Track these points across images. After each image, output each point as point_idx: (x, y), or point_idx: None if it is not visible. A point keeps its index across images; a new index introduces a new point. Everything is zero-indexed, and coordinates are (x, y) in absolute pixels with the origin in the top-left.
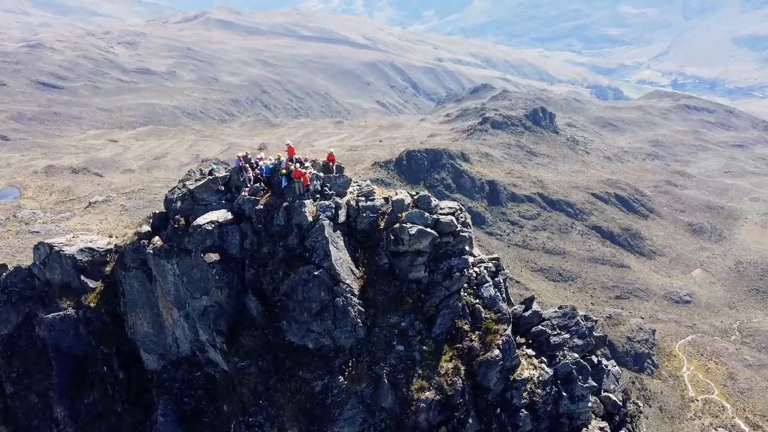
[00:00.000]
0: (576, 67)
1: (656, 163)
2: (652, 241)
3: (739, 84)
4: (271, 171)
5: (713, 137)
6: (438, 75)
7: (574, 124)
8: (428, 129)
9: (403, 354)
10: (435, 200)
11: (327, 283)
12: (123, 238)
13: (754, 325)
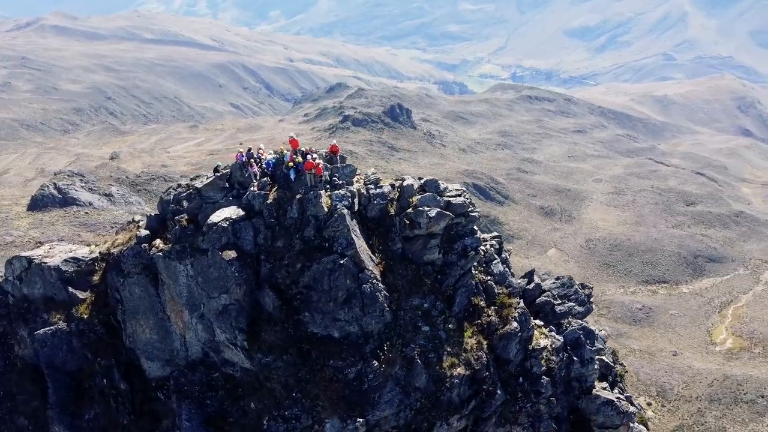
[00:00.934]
0: (423, 64)
1: (506, 152)
2: (510, 226)
3: (572, 73)
4: (274, 165)
5: (555, 125)
6: (291, 75)
7: (429, 118)
8: (289, 129)
9: (430, 334)
10: (442, 183)
11: (352, 271)
12: (106, 245)
13: (608, 297)
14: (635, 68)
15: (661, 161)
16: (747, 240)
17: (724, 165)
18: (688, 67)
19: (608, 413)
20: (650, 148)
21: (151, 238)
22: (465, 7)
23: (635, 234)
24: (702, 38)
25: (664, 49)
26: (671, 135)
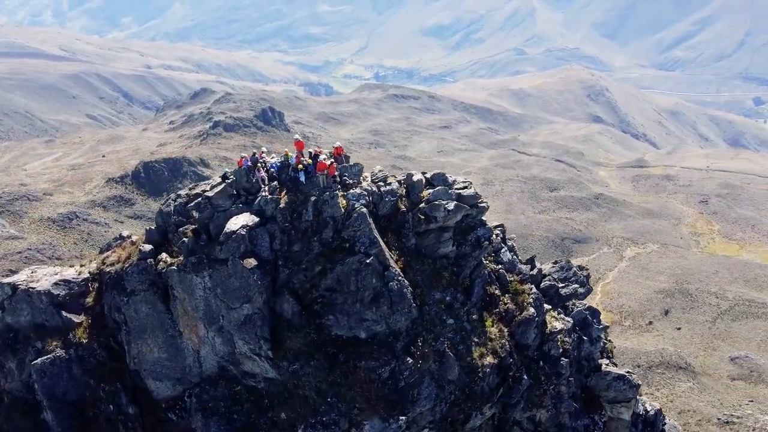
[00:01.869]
0: (287, 66)
1: (380, 151)
2: None
3: (432, 71)
4: (279, 168)
5: (422, 122)
6: (150, 82)
7: (301, 120)
8: (154, 138)
9: (455, 326)
10: (450, 176)
11: (378, 269)
12: (94, 264)
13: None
14: (490, 64)
15: (524, 151)
16: (608, 220)
17: (581, 151)
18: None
19: (620, 387)
20: (512, 140)
21: (157, 252)
22: (323, 9)
23: (506, 222)
24: (550, 32)
25: (516, 44)
26: (529, 126)
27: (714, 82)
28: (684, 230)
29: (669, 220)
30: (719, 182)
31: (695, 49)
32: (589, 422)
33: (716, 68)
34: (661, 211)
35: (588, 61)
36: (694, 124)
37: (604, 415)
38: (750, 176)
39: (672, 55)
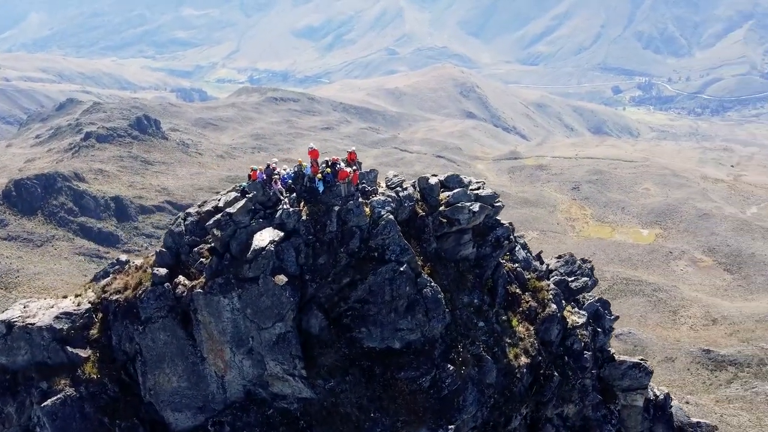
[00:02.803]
0: (155, 73)
1: (264, 155)
2: None
3: (307, 73)
4: (293, 179)
5: (304, 124)
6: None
7: (178, 128)
8: (21, 155)
9: (487, 329)
10: (463, 176)
11: (411, 276)
12: (93, 294)
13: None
14: (363, 64)
15: (405, 149)
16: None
17: (458, 146)
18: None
19: (636, 375)
20: (392, 138)
21: (173, 276)
22: (189, 13)
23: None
24: (418, 31)
25: (387, 44)
26: (408, 124)
27: (575, 74)
28: (560, 216)
29: (545, 208)
30: (588, 169)
31: (555, 43)
32: (606, 412)
33: (576, 61)
34: (538, 200)
35: (457, 59)
36: (560, 115)
37: (618, 404)
38: (615, 161)
39: (534, 50)
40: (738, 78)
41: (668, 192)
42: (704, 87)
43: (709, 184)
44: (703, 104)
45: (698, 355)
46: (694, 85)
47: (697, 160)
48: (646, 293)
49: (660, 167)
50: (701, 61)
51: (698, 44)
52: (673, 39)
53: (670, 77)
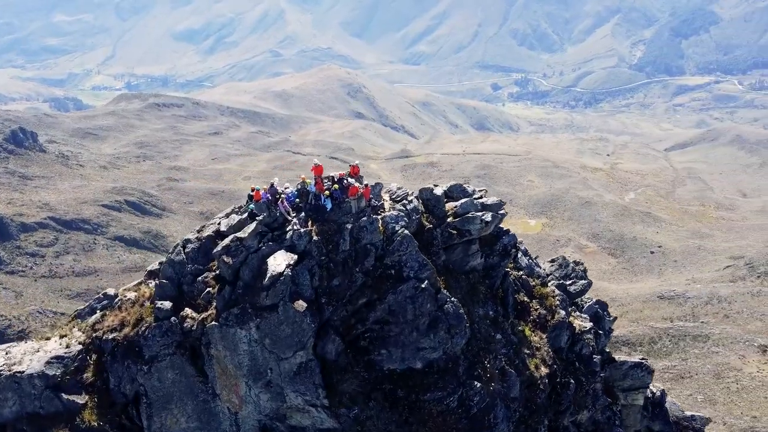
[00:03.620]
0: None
1: (150, 163)
2: (174, 237)
3: (189, 77)
4: (297, 197)
5: (190, 129)
6: None
7: (55, 139)
8: None
9: (504, 341)
10: (466, 185)
11: (432, 293)
12: (81, 334)
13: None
14: (247, 67)
15: (298, 151)
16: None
17: (351, 147)
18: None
19: (638, 375)
20: (284, 141)
21: (177, 310)
22: (60, 19)
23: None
24: (301, 33)
25: (270, 46)
26: (298, 126)
27: (456, 73)
28: None
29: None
30: (476, 164)
31: (436, 42)
32: (610, 414)
33: (456, 59)
34: None
35: (341, 60)
36: (444, 113)
37: (618, 405)
38: (500, 156)
39: (416, 49)
40: (608, 71)
41: (551, 183)
42: (577, 80)
43: (589, 174)
44: (576, 97)
45: None
46: (567, 79)
47: (575, 151)
48: None
49: (542, 159)
50: (573, 55)
51: (569, 40)
52: (546, 35)
53: (545, 72)
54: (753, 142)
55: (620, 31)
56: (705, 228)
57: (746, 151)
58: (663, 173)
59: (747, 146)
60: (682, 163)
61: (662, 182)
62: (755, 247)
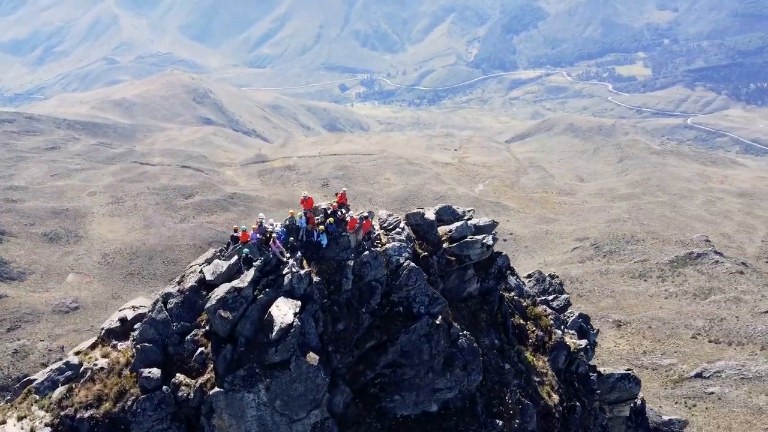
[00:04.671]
0: None
1: None
2: (17, 263)
3: (17, 90)
4: (286, 234)
5: (24, 146)
6: None
7: None
8: None
9: (513, 370)
10: (456, 207)
11: (446, 328)
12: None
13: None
14: (81, 76)
15: (146, 162)
16: (247, 216)
17: (203, 154)
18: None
19: (626, 387)
20: (129, 152)
21: (167, 377)
22: None
23: (149, 237)
24: (138, 38)
25: (105, 53)
26: (143, 135)
27: (303, 75)
28: None
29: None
30: (333, 165)
31: (280, 45)
32: (600, 429)
33: (302, 61)
34: (291, 200)
35: (183, 65)
36: (295, 115)
37: (605, 418)
38: (356, 156)
39: (261, 52)
40: (447, 68)
41: (407, 180)
42: (419, 79)
43: (440, 168)
44: (420, 95)
45: None
46: (410, 78)
47: (425, 147)
48: None
49: (395, 157)
50: (413, 55)
51: (409, 39)
52: (387, 36)
53: (389, 72)
54: (585, 129)
55: (456, 29)
56: (550, 213)
57: (580, 138)
58: (507, 164)
59: (580, 134)
60: (523, 154)
61: (507, 173)
62: (597, 228)
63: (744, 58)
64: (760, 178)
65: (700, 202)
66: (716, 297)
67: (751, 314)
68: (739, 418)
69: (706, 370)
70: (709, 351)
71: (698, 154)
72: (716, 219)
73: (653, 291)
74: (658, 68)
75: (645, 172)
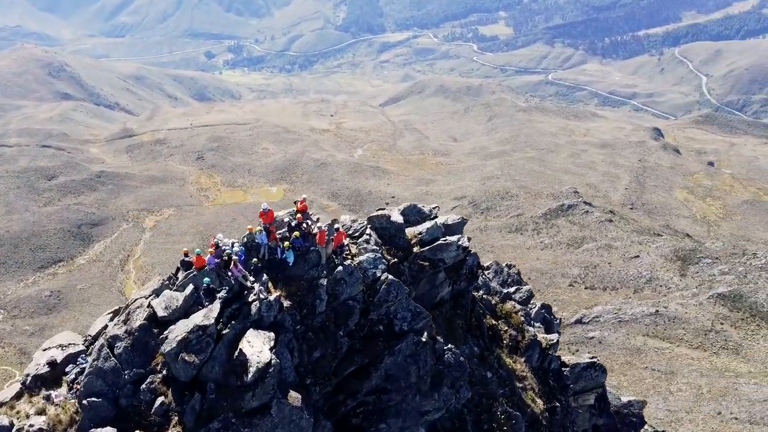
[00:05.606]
0: None
1: None
2: None
3: None
4: (246, 253)
5: None
6: None
7: None
8: None
9: (496, 379)
10: (420, 204)
11: (431, 345)
12: None
13: (12, 295)
14: None
15: (2, 144)
16: (117, 196)
17: (64, 132)
18: None
19: (592, 376)
20: None
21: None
22: None
23: (11, 224)
24: None
25: None
26: None
27: (165, 43)
28: (191, 189)
29: (175, 183)
30: (207, 137)
31: (138, 12)
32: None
33: (163, 29)
34: (165, 176)
35: (35, 38)
36: (161, 85)
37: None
38: (230, 126)
39: (118, 21)
40: (316, 33)
41: (285, 148)
42: (289, 44)
43: (318, 135)
44: (291, 61)
45: None
46: (279, 44)
47: (301, 114)
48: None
49: (272, 126)
50: (281, 20)
51: (275, 4)
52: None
53: (257, 38)
54: (454, 90)
55: None
56: (428, 175)
57: (450, 99)
58: (383, 128)
59: (450, 95)
60: (397, 117)
61: (384, 136)
62: (473, 186)
63: (598, 14)
64: (619, 128)
65: (566, 155)
66: (589, 245)
67: (623, 260)
68: (619, 359)
69: (585, 316)
70: (586, 297)
71: (561, 110)
72: (582, 170)
73: (530, 243)
74: (519, 27)
75: (513, 129)
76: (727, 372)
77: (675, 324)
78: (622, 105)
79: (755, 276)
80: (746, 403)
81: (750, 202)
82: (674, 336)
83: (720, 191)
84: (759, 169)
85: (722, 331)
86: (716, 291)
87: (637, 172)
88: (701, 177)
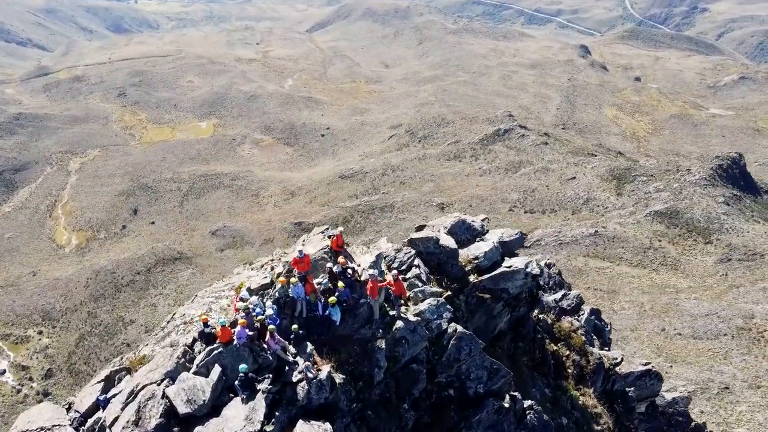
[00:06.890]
0: None
1: None
2: None
3: None
4: (278, 315)
5: None
6: None
7: None
8: None
9: (573, 425)
10: (467, 217)
11: (512, 407)
12: None
13: None
14: None
15: None
16: (38, 138)
17: None
18: None
19: (647, 384)
20: None
21: None
22: None
23: None
24: None
25: None
26: None
27: None
28: (116, 127)
29: (98, 122)
30: (128, 72)
31: None
32: None
33: None
34: (87, 115)
35: None
36: (73, 18)
37: None
38: (151, 59)
39: None
40: None
41: (211, 81)
42: None
43: (245, 66)
44: None
45: (292, 229)
46: None
47: (226, 44)
48: (226, 184)
49: (196, 57)
50: None
51: None
52: None
53: None
54: (382, 13)
55: None
56: (362, 103)
57: (379, 23)
58: (312, 55)
59: (378, 18)
60: (326, 43)
61: (313, 65)
62: (409, 114)
63: None
64: (547, 47)
65: (498, 77)
66: (526, 169)
67: (560, 182)
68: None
69: (527, 240)
70: (527, 221)
71: (490, 30)
72: (514, 93)
73: (468, 170)
74: None
75: (444, 52)
76: (667, 288)
77: (614, 243)
78: (548, 22)
79: (690, 192)
80: (688, 318)
81: (677, 116)
82: (614, 255)
83: (648, 106)
84: (684, 83)
85: (660, 248)
86: (653, 209)
87: (567, 91)
88: (629, 93)
